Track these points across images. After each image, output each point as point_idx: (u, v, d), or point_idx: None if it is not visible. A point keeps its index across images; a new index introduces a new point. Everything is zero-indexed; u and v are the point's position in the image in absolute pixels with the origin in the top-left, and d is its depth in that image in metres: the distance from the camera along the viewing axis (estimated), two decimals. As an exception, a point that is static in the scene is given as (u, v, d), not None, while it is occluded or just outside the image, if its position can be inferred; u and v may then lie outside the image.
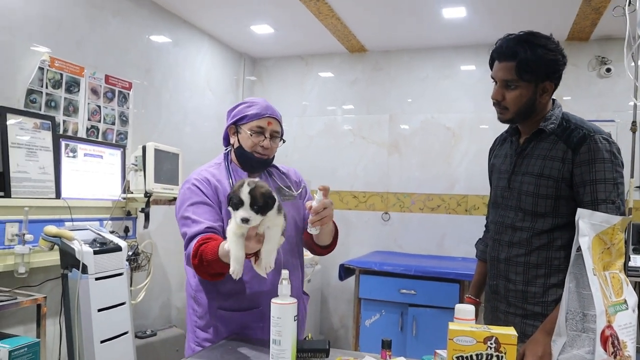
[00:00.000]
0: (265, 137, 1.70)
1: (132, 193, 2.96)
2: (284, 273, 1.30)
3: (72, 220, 2.55)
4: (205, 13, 3.57)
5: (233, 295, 1.66)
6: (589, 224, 1.22)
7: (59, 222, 2.46)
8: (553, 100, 1.61)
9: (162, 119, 3.50)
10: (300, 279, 1.81)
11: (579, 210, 1.24)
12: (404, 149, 4.17)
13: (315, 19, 3.54)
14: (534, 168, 1.56)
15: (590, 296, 1.17)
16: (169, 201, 3.38)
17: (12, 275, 2.29)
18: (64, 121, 2.71)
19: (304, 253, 1.87)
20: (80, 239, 2.24)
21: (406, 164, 4.16)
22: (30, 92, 2.52)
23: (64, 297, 2.27)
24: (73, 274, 2.21)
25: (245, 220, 1.29)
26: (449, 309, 2.79)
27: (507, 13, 3.34)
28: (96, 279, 2.24)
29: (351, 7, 3.38)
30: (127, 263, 2.48)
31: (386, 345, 1.40)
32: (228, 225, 1.40)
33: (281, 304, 1.25)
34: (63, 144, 2.65)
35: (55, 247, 2.27)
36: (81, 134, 2.82)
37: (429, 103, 4.13)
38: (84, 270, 2.19)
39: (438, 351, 1.30)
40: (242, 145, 1.71)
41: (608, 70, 3.70)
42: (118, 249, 2.39)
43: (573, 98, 3.74)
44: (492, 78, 1.60)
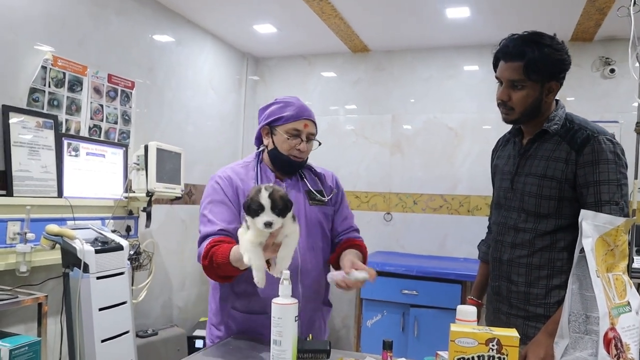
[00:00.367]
0: (302, 140, 1.66)
1: (134, 192, 2.96)
2: (285, 273, 1.29)
3: (74, 219, 2.55)
4: (208, 12, 3.57)
5: (245, 296, 1.65)
6: (592, 226, 1.21)
7: (60, 221, 2.47)
8: (556, 101, 1.60)
9: (165, 118, 3.50)
10: (323, 287, 1.75)
11: (583, 212, 1.23)
12: (407, 149, 4.16)
13: (318, 18, 3.54)
14: (537, 169, 1.55)
15: (593, 298, 1.16)
16: (171, 200, 3.38)
17: (14, 273, 2.30)
18: (67, 120, 2.71)
19: None
20: (82, 238, 2.25)
21: (409, 164, 4.15)
22: (32, 91, 2.52)
23: (65, 296, 2.27)
24: (74, 273, 2.21)
25: (269, 224, 1.29)
26: (451, 309, 2.78)
27: (511, 13, 3.33)
28: (97, 278, 2.24)
29: (354, 7, 3.38)
30: (129, 262, 2.48)
31: (387, 346, 1.39)
32: (243, 233, 1.40)
33: (282, 304, 1.25)
34: (65, 142, 2.66)
35: (57, 246, 2.27)
36: (83, 133, 2.82)
37: (432, 103, 4.12)
38: (86, 269, 2.19)
39: (440, 352, 1.30)
40: (278, 147, 1.67)
41: (612, 71, 3.68)
42: (119, 248, 2.39)
43: (577, 99, 3.72)
44: (497, 78, 1.59)
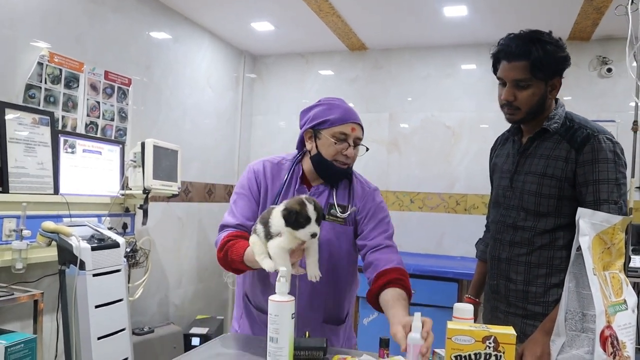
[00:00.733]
0: (349, 145, 1.56)
1: (131, 189, 2.95)
2: (282, 271, 1.29)
3: (70, 216, 2.54)
4: (205, 10, 3.56)
5: (263, 294, 1.62)
6: (589, 224, 1.21)
7: (56, 218, 2.46)
8: (556, 99, 1.61)
9: (162, 116, 3.49)
10: (321, 305, 1.66)
11: (580, 210, 1.24)
12: (404, 147, 4.16)
13: (315, 16, 3.53)
14: (537, 167, 1.55)
15: (590, 296, 1.16)
16: (168, 198, 3.37)
17: (10, 270, 2.29)
18: (63, 117, 2.70)
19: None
20: (78, 235, 2.24)
21: (406, 163, 4.15)
22: (29, 87, 2.51)
23: (61, 293, 2.26)
24: (70, 270, 2.20)
25: (315, 235, 1.36)
26: (448, 308, 2.76)
27: (509, 12, 3.33)
28: (94, 275, 2.23)
29: (352, 5, 3.37)
30: (125, 260, 2.47)
31: (384, 344, 1.39)
32: (256, 242, 1.41)
33: (279, 302, 1.24)
34: (62, 139, 2.64)
35: (53, 243, 2.26)
36: (80, 129, 2.81)
37: (429, 102, 4.12)
38: (82, 266, 2.19)
39: (437, 350, 1.30)
40: (322, 152, 1.57)
41: (609, 70, 3.69)
42: (116, 245, 2.38)
43: (574, 98, 3.73)
44: (500, 79, 1.57)
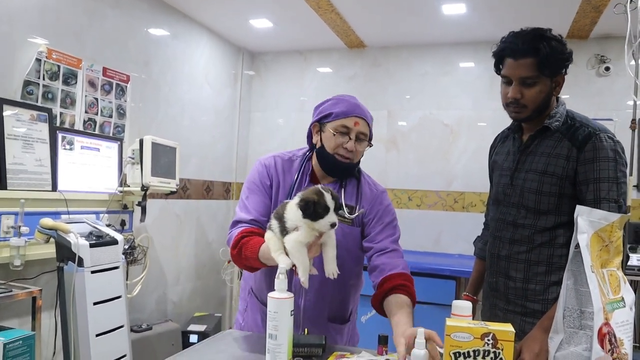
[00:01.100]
0: (349, 138, 1.55)
1: (129, 186, 2.95)
2: (281, 268, 1.29)
3: (68, 213, 2.54)
4: (204, 6, 3.55)
5: (269, 290, 1.62)
6: (587, 221, 1.22)
7: (55, 215, 2.46)
8: (557, 98, 1.61)
9: (160, 112, 3.49)
10: (327, 303, 1.65)
11: (578, 208, 1.24)
12: (402, 145, 4.16)
13: (314, 13, 3.53)
14: (538, 165, 1.56)
15: (588, 293, 1.16)
16: (166, 195, 3.37)
17: (8, 267, 2.28)
18: (61, 113, 2.69)
19: None
20: (77, 232, 2.23)
21: (404, 161, 4.15)
22: (27, 84, 2.50)
23: (59, 290, 2.26)
24: (69, 267, 2.20)
25: (334, 225, 1.33)
26: (445, 305, 2.75)
27: (507, 10, 3.33)
28: (92, 272, 2.23)
29: (351, 3, 3.37)
30: (123, 257, 2.47)
31: (383, 341, 1.40)
32: (272, 238, 1.39)
33: (278, 299, 1.24)
34: (60, 136, 2.64)
35: (51, 240, 2.26)
36: (78, 126, 2.80)
37: (428, 99, 4.12)
38: (80, 263, 2.18)
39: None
40: (325, 145, 1.58)
41: (607, 68, 3.70)
42: (114, 242, 2.38)
43: (571, 96, 3.73)
44: (504, 77, 1.56)
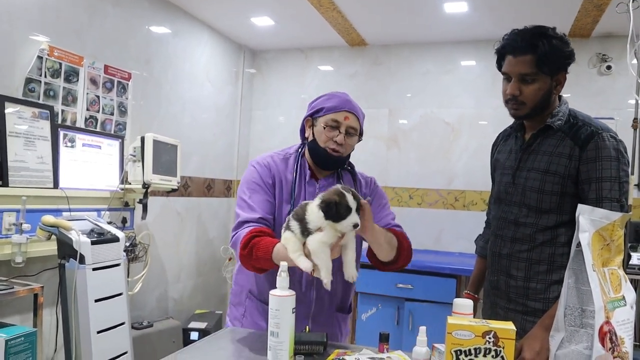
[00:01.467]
0: (339, 132, 1.61)
1: (130, 184, 2.95)
2: (283, 265, 1.29)
3: (70, 210, 2.54)
4: (205, 4, 3.55)
5: (268, 288, 1.63)
6: (589, 220, 1.22)
7: (56, 212, 2.46)
8: (559, 96, 1.61)
9: (161, 110, 3.49)
10: (339, 294, 1.69)
11: (580, 206, 1.24)
12: (403, 143, 4.16)
13: (315, 11, 3.52)
14: (540, 164, 1.56)
15: (589, 292, 1.16)
16: (167, 193, 3.37)
17: (9, 264, 2.29)
18: (63, 111, 2.70)
19: None
20: (78, 229, 2.24)
21: (405, 159, 4.15)
22: (28, 81, 2.50)
23: (61, 287, 2.26)
24: (70, 264, 2.20)
25: (357, 225, 1.33)
26: (446, 303, 2.77)
27: (509, 9, 3.33)
28: (93, 270, 2.24)
29: (352, 1, 3.36)
30: (125, 254, 2.47)
31: (384, 339, 1.41)
32: (290, 238, 1.38)
33: (280, 296, 1.25)
34: (61, 133, 2.64)
35: (53, 237, 2.26)
36: (80, 124, 2.80)
37: (429, 98, 4.11)
38: (82, 260, 2.19)
39: (436, 345, 1.31)
40: (316, 139, 1.64)
41: (608, 67, 3.69)
42: (115, 239, 2.38)
43: (573, 95, 3.73)
44: (505, 74, 1.57)
